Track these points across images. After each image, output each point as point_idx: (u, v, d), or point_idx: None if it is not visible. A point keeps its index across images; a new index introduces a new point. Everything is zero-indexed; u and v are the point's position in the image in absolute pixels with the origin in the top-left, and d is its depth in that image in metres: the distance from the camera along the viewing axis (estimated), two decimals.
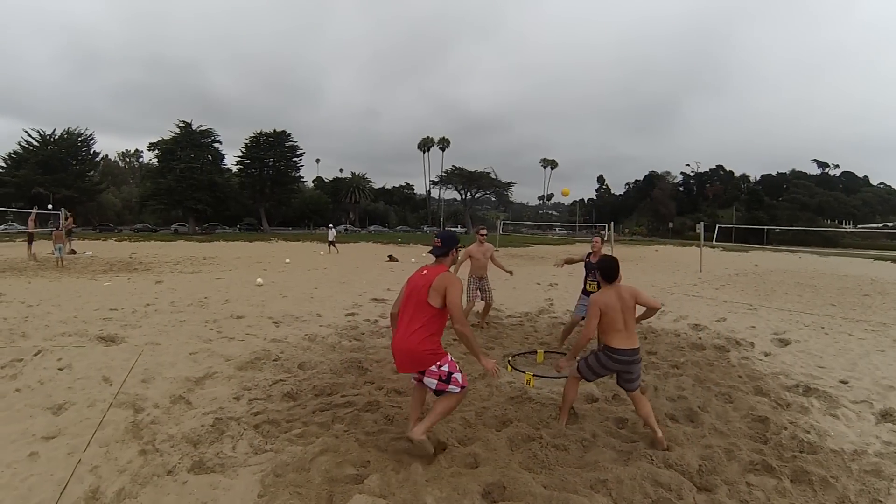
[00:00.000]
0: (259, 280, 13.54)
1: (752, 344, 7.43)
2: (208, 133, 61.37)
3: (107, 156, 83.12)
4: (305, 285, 13.32)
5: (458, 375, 3.45)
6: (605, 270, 4.10)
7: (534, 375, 5.28)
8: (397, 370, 3.70)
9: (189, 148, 58.78)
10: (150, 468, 3.28)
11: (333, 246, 30.01)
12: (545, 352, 6.52)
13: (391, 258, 24.85)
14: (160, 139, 60.18)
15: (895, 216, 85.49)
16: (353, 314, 9.10)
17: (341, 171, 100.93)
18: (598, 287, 6.53)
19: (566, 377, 5.37)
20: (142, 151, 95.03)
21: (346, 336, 7.38)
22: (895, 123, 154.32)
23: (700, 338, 7.78)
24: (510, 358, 6.13)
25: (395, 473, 3.21)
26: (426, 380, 3.42)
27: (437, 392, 3.44)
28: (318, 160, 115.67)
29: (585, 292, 6.93)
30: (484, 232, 8.44)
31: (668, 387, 5.23)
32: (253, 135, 66.37)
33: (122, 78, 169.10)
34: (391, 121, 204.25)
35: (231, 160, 67.55)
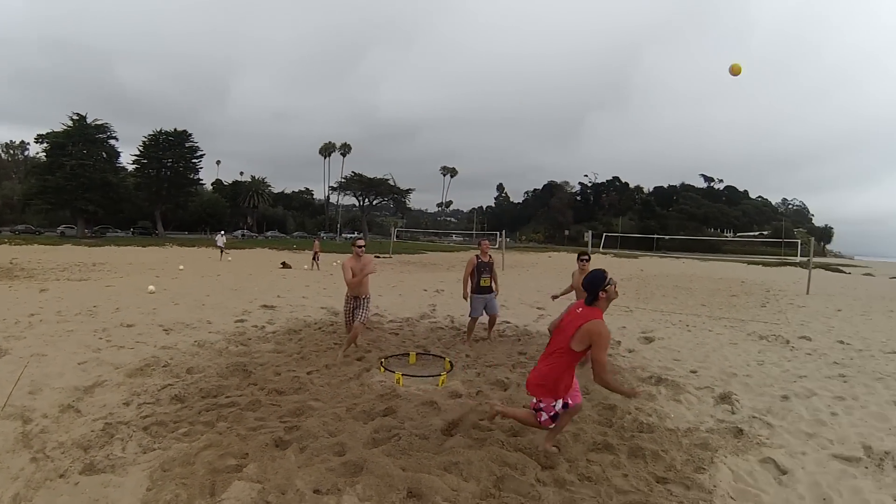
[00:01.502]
0: (151, 287, 13.24)
1: (618, 342, 8.10)
2: (104, 128, 56.91)
3: None
4: (198, 292, 13.23)
5: (544, 415, 3.74)
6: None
7: (403, 375, 5.88)
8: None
9: (82, 143, 54.20)
10: (42, 473, 3.45)
11: (223, 252, 30.43)
12: (417, 354, 7.16)
13: (284, 265, 24.99)
14: (50, 131, 55.20)
15: (770, 225, 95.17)
16: (242, 321, 9.28)
17: (241, 174, 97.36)
18: (491, 282, 7.41)
19: (432, 376, 5.95)
20: (28, 143, 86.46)
21: (233, 342, 7.60)
22: (772, 145, 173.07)
23: None
24: (383, 360, 6.63)
25: (271, 462, 3.61)
26: None
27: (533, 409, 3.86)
28: (218, 162, 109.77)
29: (478, 290, 7.60)
30: (361, 244, 6.94)
31: None
32: (152, 133, 62.57)
33: (19, 60, 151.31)
34: (301, 124, 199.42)
35: (127, 158, 63.36)
